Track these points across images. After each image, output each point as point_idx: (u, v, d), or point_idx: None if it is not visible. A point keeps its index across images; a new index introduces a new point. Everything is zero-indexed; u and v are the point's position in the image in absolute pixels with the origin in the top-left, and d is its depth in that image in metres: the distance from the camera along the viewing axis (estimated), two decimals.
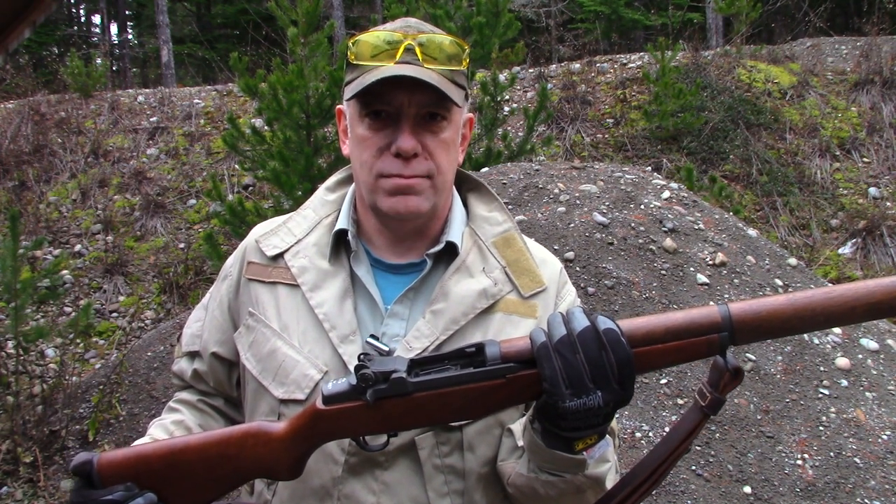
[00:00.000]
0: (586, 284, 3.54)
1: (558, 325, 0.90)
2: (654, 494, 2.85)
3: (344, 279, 1.17)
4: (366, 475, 1.09)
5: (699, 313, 0.90)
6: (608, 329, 0.88)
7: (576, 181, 4.21)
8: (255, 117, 7.04)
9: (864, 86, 8.40)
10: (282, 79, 4.96)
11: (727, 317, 0.89)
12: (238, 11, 14.90)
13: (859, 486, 2.90)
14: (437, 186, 1.14)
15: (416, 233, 1.19)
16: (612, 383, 0.87)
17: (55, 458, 3.84)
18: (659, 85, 7.72)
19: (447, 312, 1.13)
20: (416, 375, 0.94)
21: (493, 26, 5.54)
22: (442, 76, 1.10)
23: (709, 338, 0.89)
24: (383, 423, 0.95)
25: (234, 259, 1.27)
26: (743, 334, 0.89)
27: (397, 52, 1.09)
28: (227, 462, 0.99)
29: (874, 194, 7.32)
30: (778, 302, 0.89)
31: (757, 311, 0.89)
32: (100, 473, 0.97)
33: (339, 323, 1.13)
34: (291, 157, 4.97)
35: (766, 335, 0.91)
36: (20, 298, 3.87)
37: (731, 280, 3.66)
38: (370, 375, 0.93)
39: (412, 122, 1.10)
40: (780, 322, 0.89)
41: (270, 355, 1.14)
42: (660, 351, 0.90)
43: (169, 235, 7.17)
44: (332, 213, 1.23)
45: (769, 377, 3.26)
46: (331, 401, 0.96)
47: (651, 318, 0.91)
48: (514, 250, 1.21)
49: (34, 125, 8.24)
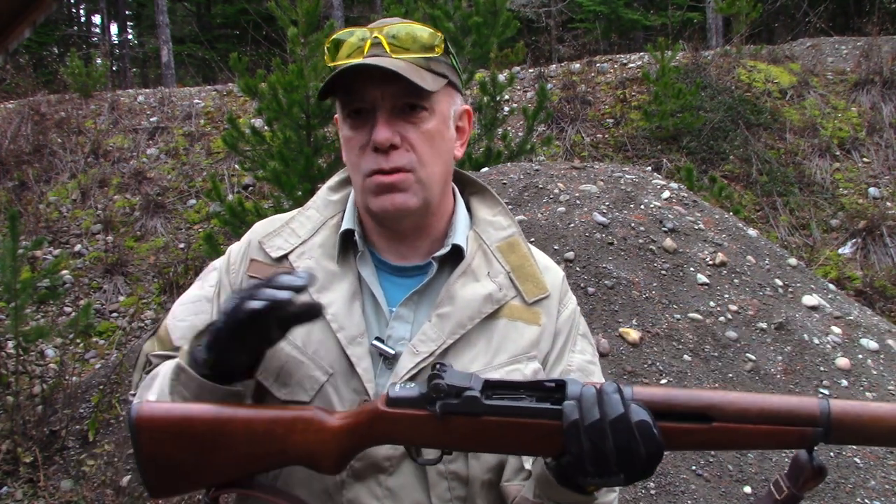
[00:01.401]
0: (586, 284, 3.54)
1: (591, 406, 0.87)
2: (654, 495, 2.85)
3: (352, 280, 1.15)
4: (370, 480, 1.08)
5: (798, 403, 0.87)
6: (641, 422, 0.85)
7: (576, 181, 4.21)
8: (255, 117, 7.03)
9: (864, 86, 8.40)
10: (282, 79, 4.96)
11: (826, 413, 0.86)
12: (238, 11, 14.90)
13: (859, 486, 2.90)
14: (423, 180, 1.11)
15: (415, 232, 1.17)
16: (637, 469, 0.86)
17: (55, 458, 3.84)
18: (659, 85, 7.72)
19: (453, 316, 1.12)
20: (489, 398, 0.90)
21: (491, 25, 5.54)
22: (413, 65, 1.08)
23: (802, 430, 0.86)
24: (445, 438, 0.92)
25: (238, 254, 1.23)
26: (838, 434, 0.86)
27: (365, 46, 1.09)
28: (272, 441, 0.96)
29: (874, 194, 7.32)
30: (883, 410, 0.86)
31: (859, 415, 0.86)
32: (137, 425, 0.94)
33: (348, 324, 1.11)
34: (291, 158, 4.97)
35: (862, 441, 0.87)
36: (20, 298, 3.87)
37: (731, 280, 3.66)
38: (443, 387, 0.90)
39: (388, 114, 1.09)
40: (882, 431, 0.86)
41: (272, 356, 1.11)
42: (749, 431, 0.87)
43: (169, 235, 7.17)
44: (337, 214, 1.21)
45: (769, 377, 3.26)
46: (395, 404, 0.92)
47: (747, 396, 0.89)
48: (518, 255, 1.19)
49: (34, 125, 8.24)
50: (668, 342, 3.30)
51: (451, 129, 1.17)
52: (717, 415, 0.87)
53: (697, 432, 0.88)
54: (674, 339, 3.31)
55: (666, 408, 0.88)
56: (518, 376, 1.10)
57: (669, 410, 0.88)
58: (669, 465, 2.96)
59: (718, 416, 0.87)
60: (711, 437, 0.88)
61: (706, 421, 0.87)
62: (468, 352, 1.12)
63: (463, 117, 1.21)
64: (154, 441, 0.95)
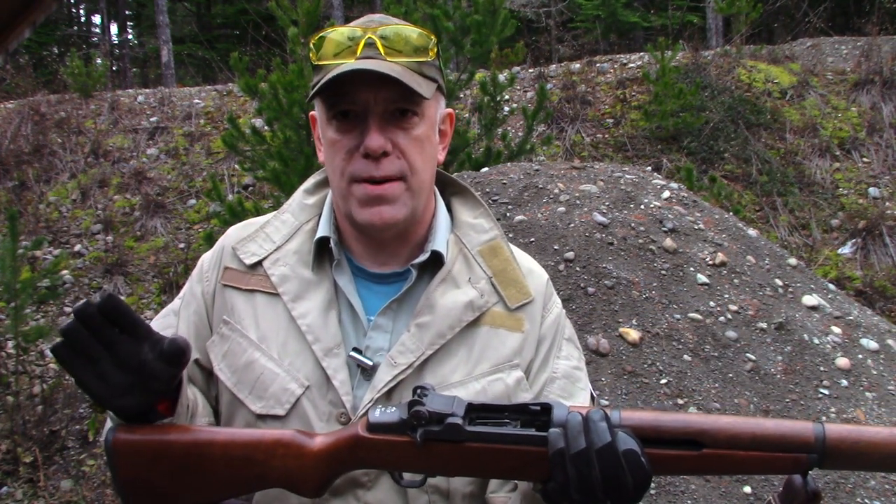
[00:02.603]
0: (586, 284, 3.54)
1: (577, 434, 0.84)
2: (654, 495, 2.85)
3: (328, 289, 1.11)
4: (348, 495, 1.05)
5: (791, 428, 0.85)
6: (628, 451, 0.83)
7: (576, 181, 4.21)
8: (255, 117, 7.04)
9: (864, 86, 8.40)
10: (282, 79, 4.95)
11: (821, 438, 0.84)
12: (238, 11, 14.89)
13: (859, 486, 2.90)
14: (413, 188, 1.08)
15: (396, 239, 1.13)
16: (624, 498, 0.84)
17: (55, 458, 3.84)
18: (659, 85, 7.72)
19: (433, 326, 1.08)
20: (472, 423, 0.88)
21: (490, 25, 5.54)
22: (407, 69, 1.05)
23: (796, 456, 0.84)
24: (427, 464, 0.90)
25: (211, 262, 1.19)
26: (833, 460, 0.84)
27: (358, 47, 1.05)
28: (251, 466, 0.94)
29: (874, 194, 7.32)
30: (880, 434, 0.84)
31: (855, 440, 0.83)
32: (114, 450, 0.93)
33: (323, 335, 1.08)
34: (291, 157, 4.97)
35: (858, 466, 0.85)
36: (20, 298, 3.87)
37: (731, 280, 3.66)
38: (423, 414, 0.88)
39: (379, 119, 1.05)
40: (877, 456, 0.83)
41: (247, 367, 1.08)
42: (741, 458, 0.85)
43: (169, 235, 7.17)
44: (313, 219, 1.17)
45: (769, 377, 3.26)
46: (376, 430, 0.90)
47: (737, 420, 0.86)
48: (500, 259, 1.15)
49: (34, 125, 8.24)
50: (668, 342, 3.30)
51: (436, 134, 1.14)
52: (708, 441, 0.85)
53: (687, 459, 0.86)
54: (674, 339, 3.31)
55: (654, 434, 0.86)
56: (500, 386, 1.08)
57: (658, 437, 0.86)
58: None
59: (709, 442, 0.85)
60: (702, 463, 0.86)
61: (696, 447, 0.86)
62: (448, 362, 1.08)
63: (446, 121, 1.18)
64: (131, 465, 0.94)
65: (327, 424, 1.05)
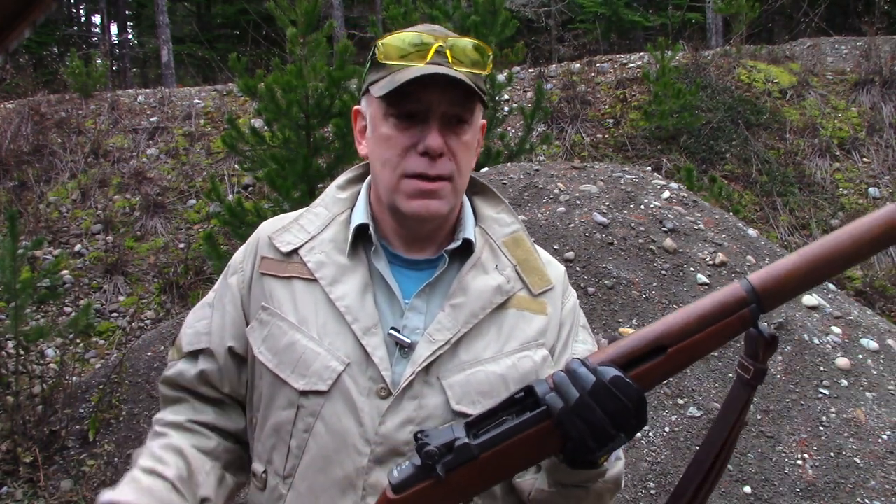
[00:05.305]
0: (586, 284, 3.54)
1: (568, 388, 0.90)
2: (654, 494, 2.85)
3: (363, 273, 1.18)
4: (391, 465, 1.09)
5: (724, 294, 0.92)
6: (614, 377, 0.89)
7: (576, 181, 4.21)
8: (254, 117, 7.04)
9: (864, 86, 8.41)
10: (281, 79, 4.95)
11: (751, 289, 0.91)
12: (238, 11, 14.89)
13: (859, 486, 2.90)
14: (457, 188, 1.17)
15: (432, 231, 1.21)
16: (631, 422, 0.90)
17: (55, 458, 3.84)
18: (659, 85, 7.72)
19: (466, 306, 1.16)
20: (476, 437, 0.92)
21: (490, 25, 5.54)
22: (468, 78, 1.12)
23: (740, 314, 0.91)
24: (458, 493, 0.93)
25: (245, 255, 1.26)
26: (770, 301, 0.92)
27: (428, 53, 1.12)
28: None
29: (874, 194, 7.32)
30: (791, 261, 0.92)
31: (777, 276, 0.91)
32: None
33: (362, 315, 1.14)
34: (288, 159, 4.96)
35: (792, 294, 0.93)
36: (20, 298, 3.87)
37: (731, 280, 3.66)
38: (434, 451, 0.91)
39: (440, 121, 1.12)
40: (800, 279, 0.91)
41: (288, 348, 1.15)
42: (700, 340, 0.92)
43: (169, 235, 7.17)
44: (346, 210, 1.25)
45: (769, 377, 3.26)
46: (401, 488, 0.93)
47: (680, 312, 0.93)
48: (523, 250, 1.24)
49: (34, 125, 8.24)
50: None
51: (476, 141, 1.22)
52: (668, 341, 0.91)
53: (661, 364, 0.92)
54: None
55: (625, 359, 0.91)
56: (528, 363, 1.15)
57: (629, 360, 0.91)
58: (670, 465, 2.97)
59: (669, 341, 0.91)
60: (674, 362, 0.92)
61: (662, 352, 0.92)
62: (481, 340, 1.16)
63: (480, 130, 1.25)
64: None
65: (368, 399, 1.11)
